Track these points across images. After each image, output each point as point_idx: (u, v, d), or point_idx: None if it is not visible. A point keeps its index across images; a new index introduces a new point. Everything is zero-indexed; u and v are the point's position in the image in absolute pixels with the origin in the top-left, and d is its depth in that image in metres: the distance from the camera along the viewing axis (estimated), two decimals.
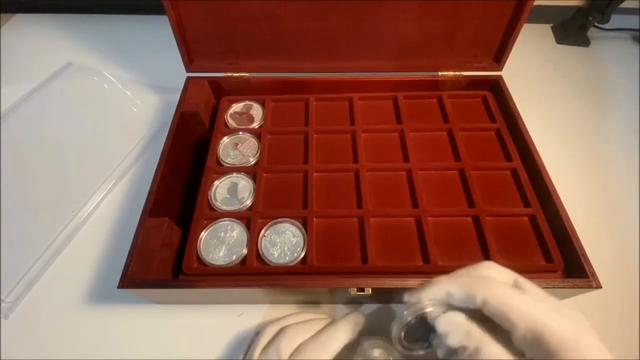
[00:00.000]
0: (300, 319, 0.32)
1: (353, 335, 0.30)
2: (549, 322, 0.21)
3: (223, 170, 0.41)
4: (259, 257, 0.35)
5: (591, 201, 0.45)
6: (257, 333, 0.32)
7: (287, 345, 0.29)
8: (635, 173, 0.48)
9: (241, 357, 0.32)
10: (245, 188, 0.40)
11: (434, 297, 0.25)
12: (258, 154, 0.42)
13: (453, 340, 0.24)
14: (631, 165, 0.49)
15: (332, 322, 0.31)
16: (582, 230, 0.34)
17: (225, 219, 0.37)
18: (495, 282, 0.24)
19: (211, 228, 0.37)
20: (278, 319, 0.32)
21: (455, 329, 0.24)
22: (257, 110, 0.47)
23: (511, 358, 0.22)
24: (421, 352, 0.27)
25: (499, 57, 0.46)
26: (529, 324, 0.21)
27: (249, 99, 0.47)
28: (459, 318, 0.24)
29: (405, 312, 0.25)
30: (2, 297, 0.37)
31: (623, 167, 0.48)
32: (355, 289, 0.31)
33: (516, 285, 0.24)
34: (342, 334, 0.30)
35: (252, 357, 0.30)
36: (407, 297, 0.26)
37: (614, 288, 0.37)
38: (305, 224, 0.36)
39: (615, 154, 0.50)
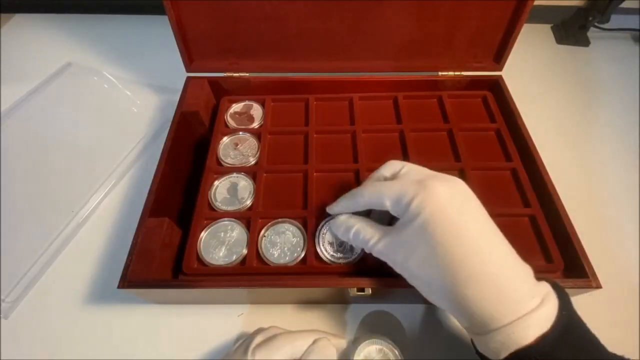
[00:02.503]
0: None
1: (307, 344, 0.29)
2: (403, 185, 0.27)
3: (223, 170, 0.41)
4: (259, 257, 0.35)
5: (591, 201, 0.45)
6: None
7: (260, 336, 0.29)
8: (635, 173, 0.48)
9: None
10: (245, 188, 0.40)
11: (339, 208, 0.32)
12: (258, 154, 0.42)
13: (340, 233, 0.32)
14: (631, 165, 0.49)
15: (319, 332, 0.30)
16: (582, 230, 0.34)
17: (225, 219, 0.37)
18: (369, 182, 0.31)
19: (211, 228, 0.37)
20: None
21: (338, 225, 0.31)
22: (257, 110, 0.47)
23: (378, 227, 0.29)
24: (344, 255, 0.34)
25: (499, 57, 0.46)
26: (391, 195, 0.27)
27: (249, 99, 0.47)
28: (340, 217, 0.32)
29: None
30: (2, 297, 0.37)
31: (623, 167, 0.48)
32: (355, 289, 0.31)
33: (395, 175, 0.30)
34: (299, 341, 0.29)
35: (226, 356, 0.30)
36: (327, 209, 0.33)
37: (614, 288, 0.37)
38: (305, 224, 0.36)
39: (615, 154, 0.50)
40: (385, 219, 0.32)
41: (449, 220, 0.25)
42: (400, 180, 0.28)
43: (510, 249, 0.26)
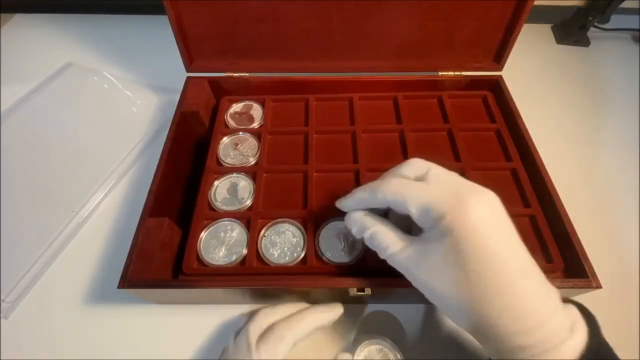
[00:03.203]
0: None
1: (326, 323, 0.30)
2: (433, 195, 0.24)
3: (223, 170, 0.41)
4: (259, 257, 0.35)
5: (591, 201, 0.45)
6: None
7: (256, 327, 0.29)
8: (636, 173, 0.48)
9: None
10: (245, 188, 0.40)
11: (353, 203, 0.29)
12: (258, 154, 0.42)
13: (354, 231, 0.28)
14: (631, 165, 0.49)
15: (310, 306, 0.31)
16: (582, 230, 0.34)
17: (225, 219, 0.37)
18: (393, 179, 0.27)
19: (211, 228, 0.37)
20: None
21: (354, 221, 0.28)
22: (257, 110, 0.47)
23: (398, 234, 0.26)
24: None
25: (499, 57, 0.46)
26: (418, 203, 0.25)
27: (249, 99, 0.47)
28: (357, 214, 0.28)
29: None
30: (2, 297, 0.37)
31: (623, 167, 0.48)
32: (355, 289, 0.31)
33: (422, 177, 0.27)
34: (312, 318, 0.30)
35: (227, 350, 0.30)
36: (336, 204, 0.30)
37: (614, 288, 0.37)
38: (305, 224, 0.36)
39: (615, 154, 0.50)
40: (404, 223, 0.28)
41: (482, 243, 0.23)
42: (429, 187, 0.25)
43: (539, 272, 0.24)
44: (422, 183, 0.26)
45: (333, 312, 0.31)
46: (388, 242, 0.26)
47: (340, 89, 0.47)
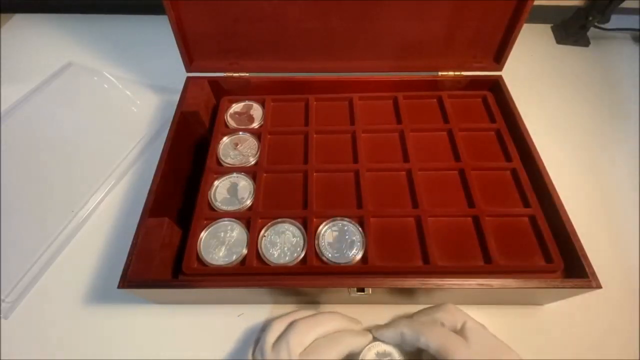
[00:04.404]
0: (307, 314, 0.32)
1: (361, 347, 0.31)
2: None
3: (223, 170, 0.41)
4: (259, 257, 0.35)
5: (591, 201, 0.45)
6: (263, 330, 0.32)
7: (299, 341, 0.30)
8: (636, 173, 0.48)
9: (250, 357, 0.32)
10: (245, 188, 0.40)
11: (392, 335, 0.31)
12: (258, 154, 0.42)
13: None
14: (631, 165, 0.49)
15: (345, 323, 0.32)
16: (582, 230, 0.34)
17: (225, 219, 0.37)
18: (436, 328, 0.30)
19: (211, 228, 0.37)
20: (286, 314, 0.32)
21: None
22: (257, 110, 0.47)
23: None
24: None
25: (499, 57, 0.46)
26: None
27: (249, 99, 0.47)
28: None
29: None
30: (2, 297, 0.37)
31: (623, 167, 0.48)
32: (355, 289, 0.31)
33: (460, 329, 0.30)
34: (350, 340, 0.31)
35: (263, 356, 0.30)
36: (373, 332, 0.32)
37: (614, 288, 0.37)
38: (305, 224, 0.36)
39: (615, 154, 0.50)
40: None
41: None
42: (471, 348, 0.28)
43: None
44: (464, 341, 0.29)
45: (366, 337, 0.32)
46: None
47: (340, 89, 0.47)
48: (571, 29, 0.63)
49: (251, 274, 0.34)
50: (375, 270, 0.34)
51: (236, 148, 0.43)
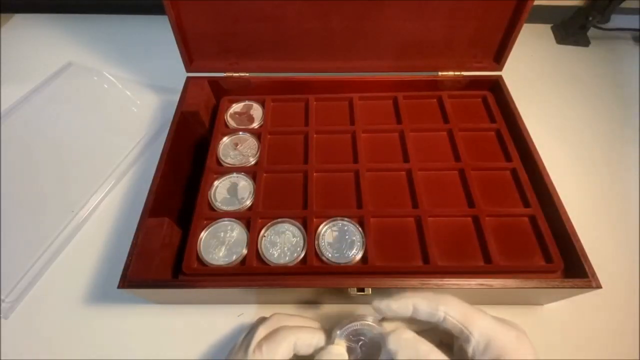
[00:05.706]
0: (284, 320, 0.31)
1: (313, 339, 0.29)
2: (498, 329, 0.26)
3: (223, 170, 0.41)
4: (259, 257, 0.35)
5: (591, 201, 0.45)
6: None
7: (264, 327, 0.30)
8: (636, 173, 0.48)
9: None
10: (245, 188, 0.40)
11: (401, 308, 0.27)
12: (258, 154, 0.42)
13: (403, 357, 0.26)
14: (631, 165, 0.49)
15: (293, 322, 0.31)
16: (582, 230, 0.34)
17: (225, 219, 0.37)
18: (455, 298, 0.27)
19: (211, 228, 0.37)
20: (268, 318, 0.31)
21: (404, 345, 0.26)
22: (257, 110, 0.47)
23: None
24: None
25: (499, 57, 0.46)
26: (483, 331, 0.26)
27: (249, 99, 0.47)
28: (409, 335, 0.27)
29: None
30: (2, 297, 0.37)
31: (623, 167, 0.48)
32: (355, 289, 0.31)
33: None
34: (292, 336, 0.28)
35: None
36: (376, 303, 0.28)
37: (614, 288, 0.37)
38: (305, 224, 0.36)
39: (615, 154, 0.50)
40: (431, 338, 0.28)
41: None
42: (494, 320, 0.27)
43: None
44: (483, 311, 0.27)
45: (315, 333, 0.30)
46: None
47: (340, 89, 0.47)
48: (571, 29, 0.64)
49: (251, 274, 0.34)
50: (375, 270, 0.34)
51: (236, 148, 0.43)
